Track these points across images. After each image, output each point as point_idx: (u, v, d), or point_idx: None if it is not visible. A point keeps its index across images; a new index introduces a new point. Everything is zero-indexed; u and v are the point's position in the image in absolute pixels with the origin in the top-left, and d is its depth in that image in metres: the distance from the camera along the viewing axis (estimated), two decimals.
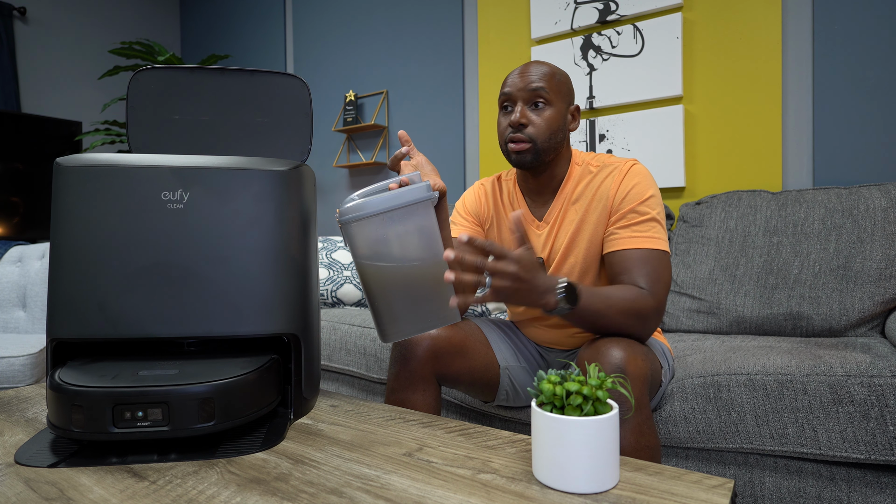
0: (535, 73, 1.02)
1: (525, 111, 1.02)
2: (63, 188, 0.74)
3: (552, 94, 1.02)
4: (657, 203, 1.01)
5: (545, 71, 1.03)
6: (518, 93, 1.02)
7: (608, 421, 0.57)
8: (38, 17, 3.32)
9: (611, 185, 1.02)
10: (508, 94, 1.03)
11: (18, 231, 3.01)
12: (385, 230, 0.79)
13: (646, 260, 0.96)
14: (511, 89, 1.03)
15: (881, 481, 1.00)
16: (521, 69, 1.04)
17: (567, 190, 1.08)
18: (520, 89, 1.02)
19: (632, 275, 0.96)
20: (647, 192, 1.00)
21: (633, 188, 1.00)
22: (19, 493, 0.59)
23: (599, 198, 1.03)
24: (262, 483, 0.61)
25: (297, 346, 0.82)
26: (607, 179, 1.04)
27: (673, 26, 1.94)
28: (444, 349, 1.02)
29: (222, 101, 0.94)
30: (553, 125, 1.02)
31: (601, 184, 1.04)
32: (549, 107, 1.02)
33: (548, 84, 1.02)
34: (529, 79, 1.02)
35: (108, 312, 0.73)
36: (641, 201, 1.00)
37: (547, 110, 1.02)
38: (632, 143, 2.03)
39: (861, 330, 1.41)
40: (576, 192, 1.07)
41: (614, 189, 1.02)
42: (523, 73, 1.03)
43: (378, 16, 2.83)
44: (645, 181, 1.01)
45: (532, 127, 1.02)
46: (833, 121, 1.72)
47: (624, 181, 1.02)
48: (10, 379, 1.55)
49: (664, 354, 1.10)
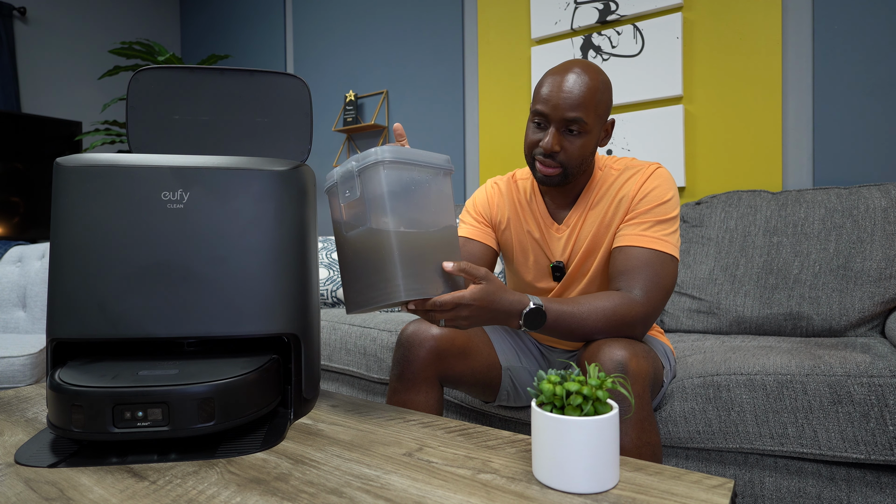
0: (576, 94, 0.93)
1: (558, 137, 0.96)
2: (63, 188, 0.74)
3: (590, 120, 0.95)
4: (673, 207, 0.98)
5: (586, 92, 0.94)
6: (553, 115, 0.95)
7: (608, 421, 0.57)
8: (38, 17, 3.32)
9: (632, 187, 1.01)
10: (543, 112, 0.96)
11: (18, 231, 3.01)
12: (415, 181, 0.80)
13: (648, 262, 0.95)
14: (546, 109, 0.95)
15: (881, 481, 1.00)
16: (561, 83, 0.95)
17: (589, 195, 1.06)
18: (556, 112, 0.94)
19: (629, 277, 0.94)
20: (666, 195, 0.98)
21: (654, 190, 0.99)
22: (19, 493, 0.59)
23: (620, 200, 1.02)
24: (262, 483, 0.61)
25: (297, 346, 0.82)
26: (629, 182, 1.02)
27: (673, 26, 1.94)
28: (447, 350, 1.02)
29: (222, 101, 0.94)
30: (587, 151, 0.98)
31: (622, 186, 1.02)
32: (583, 134, 0.96)
33: (585, 112, 0.94)
34: (569, 103, 0.93)
35: (108, 312, 0.73)
36: (658, 204, 0.98)
37: (581, 138, 0.96)
38: (632, 143, 2.03)
39: (861, 330, 1.41)
40: (598, 195, 1.05)
41: (635, 190, 1.00)
42: (562, 90, 0.94)
43: (378, 16, 2.83)
44: (665, 184, 1.00)
45: (564, 154, 0.97)
46: (833, 121, 1.72)
47: (646, 183, 1.00)
48: (10, 379, 1.55)
49: (666, 355, 1.10)
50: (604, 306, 0.90)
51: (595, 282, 1.07)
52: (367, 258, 0.78)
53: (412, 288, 0.76)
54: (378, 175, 0.76)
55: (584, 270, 1.07)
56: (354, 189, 0.79)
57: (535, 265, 1.13)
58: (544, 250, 1.11)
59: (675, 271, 0.97)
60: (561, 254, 1.09)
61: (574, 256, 1.08)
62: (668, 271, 0.95)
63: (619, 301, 0.90)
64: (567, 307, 0.89)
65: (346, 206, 0.81)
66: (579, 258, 1.06)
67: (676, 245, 0.98)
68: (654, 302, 0.93)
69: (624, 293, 0.92)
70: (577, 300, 0.90)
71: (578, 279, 1.08)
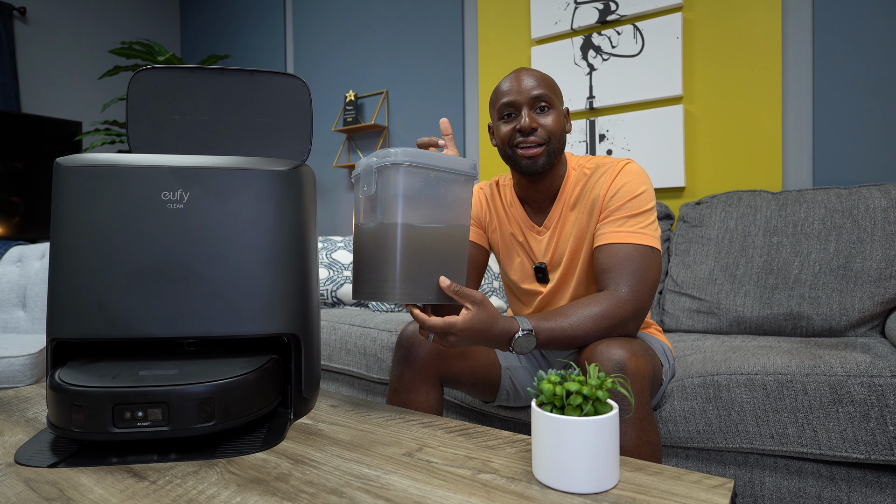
0: (532, 79, 1.02)
1: (533, 116, 1.02)
2: (63, 188, 0.74)
3: (553, 98, 1.03)
4: (647, 200, 0.99)
5: (540, 76, 1.03)
6: (521, 99, 1.02)
7: (608, 421, 0.57)
8: (38, 17, 3.32)
9: (603, 186, 1.02)
10: (511, 101, 1.02)
11: (18, 231, 3.01)
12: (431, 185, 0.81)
13: (629, 256, 0.95)
14: (513, 97, 1.02)
15: (881, 481, 1.00)
16: (515, 77, 1.04)
17: (565, 195, 1.07)
18: (523, 96, 1.02)
19: (613, 274, 0.94)
20: (638, 189, 0.99)
21: (624, 186, 1.00)
22: (19, 493, 0.59)
23: (594, 200, 1.03)
24: (262, 483, 0.61)
25: (297, 346, 0.82)
26: (599, 181, 1.03)
27: (673, 26, 1.94)
28: (447, 351, 1.02)
29: (222, 101, 0.94)
30: (558, 126, 1.03)
31: (594, 185, 1.04)
32: (552, 109, 1.03)
33: (547, 89, 1.02)
34: (530, 84, 1.02)
35: (108, 312, 0.73)
36: (631, 198, 0.99)
37: (551, 113, 1.03)
38: (632, 143, 2.03)
39: (861, 330, 1.41)
40: (573, 196, 1.06)
41: (605, 189, 1.01)
42: (520, 80, 1.03)
43: (378, 16, 2.83)
44: (636, 178, 1.01)
45: (542, 129, 1.02)
46: (833, 121, 1.72)
47: (616, 180, 1.01)
48: (10, 379, 1.55)
49: (665, 353, 1.10)
50: (592, 312, 0.90)
51: (584, 282, 1.07)
52: (373, 253, 0.81)
53: (407, 293, 0.78)
54: (392, 176, 0.77)
55: (572, 272, 1.08)
56: (371, 185, 0.80)
57: (520, 267, 1.15)
58: (528, 253, 1.13)
59: (658, 262, 0.97)
60: (543, 255, 1.10)
61: (557, 258, 1.09)
62: (651, 263, 0.96)
63: (606, 302, 0.90)
64: (557, 322, 0.89)
65: (364, 199, 0.84)
66: (566, 260, 1.07)
67: (655, 236, 0.98)
68: (641, 295, 0.93)
69: (610, 292, 0.92)
70: (565, 311, 0.90)
71: (568, 280, 1.09)
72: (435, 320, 0.81)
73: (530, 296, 1.15)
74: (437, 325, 0.81)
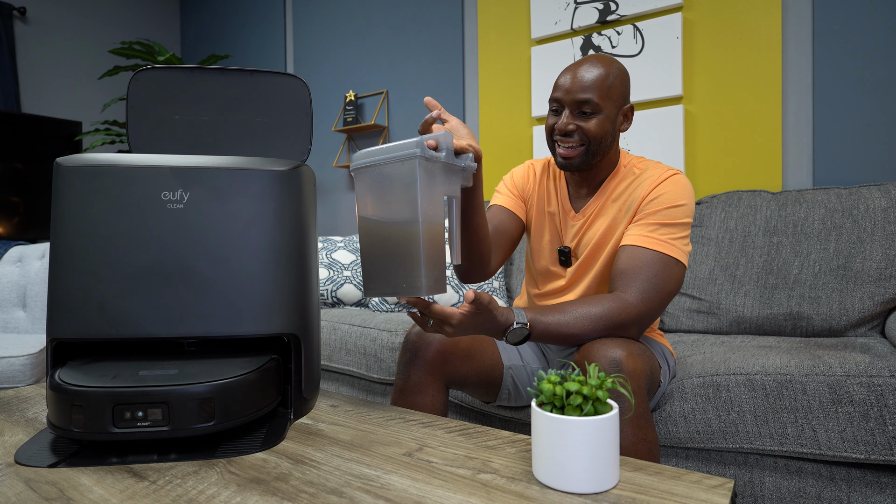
0: (587, 79, 0.99)
1: (573, 118, 1.00)
2: (63, 188, 0.74)
3: (601, 102, 0.99)
4: (685, 214, 0.98)
5: (597, 76, 0.99)
6: (567, 99, 1.00)
7: (608, 421, 0.57)
8: (38, 17, 3.32)
9: (645, 189, 1.02)
10: (557, 98, 1.01)
11: (18, 231, 3.01)
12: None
13: (649, 263, 0.94)
14: (560, 94, 1.00)
15: (881, 481, 1.00)
16: (574, 70, 1.00)
17: (609, 188, 1.07)
18: (569, 96, 0.99)
19: (627, 277, 0.94)
20: (679, 200, 0.98)
21: (665, 193, 0.99)
22: (19, 493, 0.59)
23: (633, 199, 1.03)
24: (262, 483, 0.61)
25: (297, 346, 0.82)
26: (645, 182, 1.03)
27: (673, 26, 1.94)
28: (452, 353, 1.02)
29: (222, 101, 0.94)
30: (601, 131, 1.00)
31: (639, 186, 1.03)
32: (596, 115, 1.00)
33: (597, 93, 0.98)
34: (579, 87, 0.99)
35: (108, 312, 0.73)
36: (668, 207, 0.98)
37: (594, 118, 1.00)
38: (632, 142, 2.03)
39: (861, 330, 1.41)
40: (616, 191, 1.06)
41: (646, 192, 1.01)
42: (574, 76, 1.00)
43: (378, 16, 2.83)
44: (680, 190, 1.00)
45: (581, 132, 1.00)
46: (833, 121, 1.72)
47: (659, 186, 1.00)
48: (10, 379, 1.55)
49: (664, 356, 1.10)
50: (592, 312, 0.90)
51: (602, 277, 1.07)
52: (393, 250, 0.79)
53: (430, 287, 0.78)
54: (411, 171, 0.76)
55: (593, 263, 1.08)
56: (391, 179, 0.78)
57: (548, 245, 1.15)
58: (559, 233, 1.13)
59: (680, 276, 0.96)
60: (571, 240, 1.11)
61: (581, 245, 1.09)
62: (671, 275, 0.94)
63: (609, 305, 0.90)
64: (554, 318, 0.89)
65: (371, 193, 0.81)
66: (589, 250, 1.07)
67: (684, 251, 0.97)
68: (649, 304, 0.92)
69: (617, 295, 0.92)
70: (564, 308, 0.91)
71: (587, 271, 1.09)
72: (437, 307, 0.81)
73: (548, 278, 1.16)
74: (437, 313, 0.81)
